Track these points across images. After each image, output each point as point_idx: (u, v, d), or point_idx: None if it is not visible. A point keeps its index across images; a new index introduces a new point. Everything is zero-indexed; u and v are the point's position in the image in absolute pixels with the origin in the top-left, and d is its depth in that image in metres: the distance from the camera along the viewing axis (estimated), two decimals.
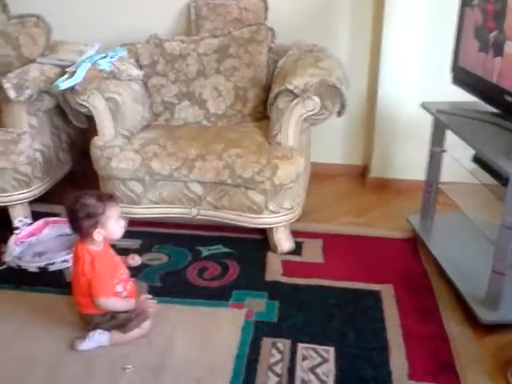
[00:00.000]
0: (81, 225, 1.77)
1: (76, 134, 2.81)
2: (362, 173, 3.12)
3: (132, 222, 2.40)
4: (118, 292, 1.86)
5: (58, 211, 2.53)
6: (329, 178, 3.05)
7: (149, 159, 2.27)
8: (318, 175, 2.92)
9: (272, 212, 2.28)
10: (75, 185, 2.52)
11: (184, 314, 2.00)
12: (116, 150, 2.30)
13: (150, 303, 1.88)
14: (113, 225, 1.80)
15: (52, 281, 2.15)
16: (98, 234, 1.78)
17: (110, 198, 1.82)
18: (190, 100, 2.60)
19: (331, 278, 2.20)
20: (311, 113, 2.17)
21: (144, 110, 2.56)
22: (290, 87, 2.14)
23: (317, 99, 2.14)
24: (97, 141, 2.33)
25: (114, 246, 1.94)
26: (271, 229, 2.36)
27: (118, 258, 1.92)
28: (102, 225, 1.77)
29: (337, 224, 2.62)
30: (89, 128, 2.49)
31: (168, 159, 2.25)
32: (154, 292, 2.03)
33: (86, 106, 2.30)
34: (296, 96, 2.15)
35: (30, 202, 2.52)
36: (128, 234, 1.93)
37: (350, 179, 3.09)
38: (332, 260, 2.34)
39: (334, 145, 3.11)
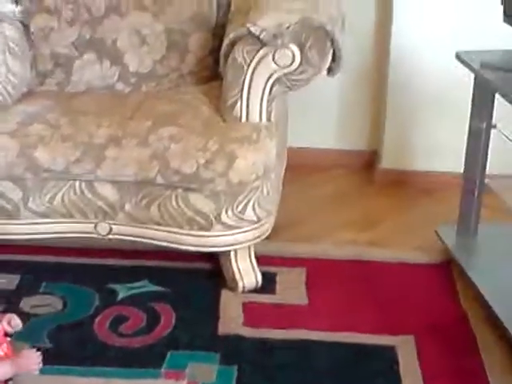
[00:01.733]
0: None
1: None
2: (368, 163, 3.16)
3: (6, 247, 2.39)
4: None
5: None
6: (318, 171, 3.07)
7: (32, 146, 2.25)
8: (301, 168, 2.93)
9: (227, 227, 2.29)
10: None
11: None
12: None
13: (36, 359, 1.88)
14: None
15: None
16: None
17: None
18: (98, 51, 2.60)
19: (320, 328, 2.22)
20: (287, 70, 2.18)
21: (23, 69, 2.54)
22: (255, 30, 2.15)
23: (296, 48, 2.15)
24: None
25: None
26: (226, 253, 2.38)
27: None
28: None
29: (329, 243, 2.64)
30: None
31: (62, 146, 2.25)
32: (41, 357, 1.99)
33: None
34: (264, 44, 2.16)
35: None
36: None
37: (351, 173, 3.11)
38: (321, 300, 2.36)
39: (324, 121, 3.12)
